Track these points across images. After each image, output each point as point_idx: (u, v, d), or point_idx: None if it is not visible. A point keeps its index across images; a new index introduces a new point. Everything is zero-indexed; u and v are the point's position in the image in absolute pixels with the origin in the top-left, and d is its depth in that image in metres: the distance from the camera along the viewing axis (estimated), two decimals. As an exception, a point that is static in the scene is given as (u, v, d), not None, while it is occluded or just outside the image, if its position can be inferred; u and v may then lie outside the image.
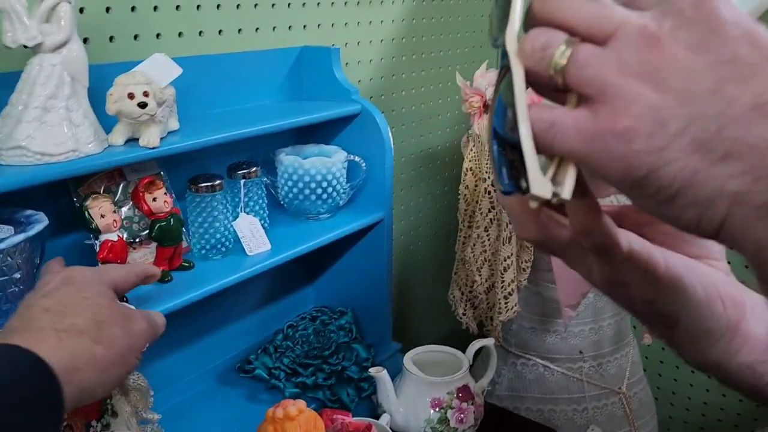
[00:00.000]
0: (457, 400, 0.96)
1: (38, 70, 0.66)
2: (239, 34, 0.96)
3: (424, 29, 1.32)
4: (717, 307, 0.38)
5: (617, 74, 0.28)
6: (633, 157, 0.28)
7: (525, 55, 0.30)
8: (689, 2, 0.28)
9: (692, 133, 0.27)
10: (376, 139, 1.01)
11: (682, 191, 0.28)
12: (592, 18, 0.29)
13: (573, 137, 0.29)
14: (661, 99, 0.28)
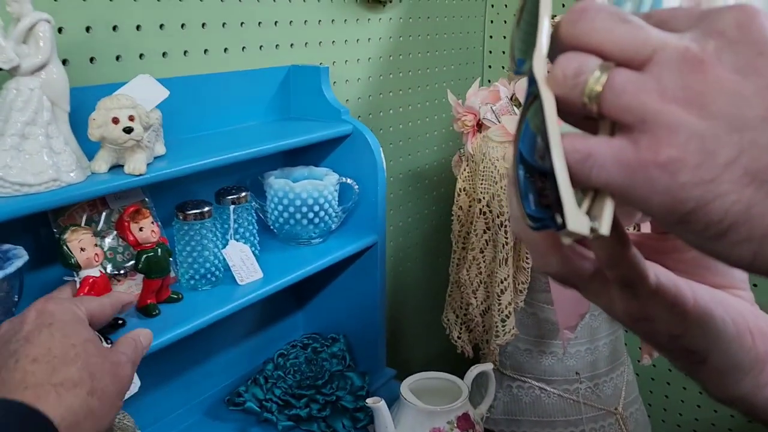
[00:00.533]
0: (457, 429, 0.92)
1: (15, 95, 0.61)
2: (225, 53, 0.93)
3: (412, 47, 1.30)
4: (746, 341, 0.36)
5: (658, 100, 0.26)
6: (679, 190, 0.26)
7: (556, 82, 0.28)
8: (732, 22, 0.26)
9: (744, 163, 0.25)
10: (368, 160, 0.98)
11: (735, 227, 0.26)
12: (627, 41, 0.27)
13: (612, 169, 0.27)
14: (708, 126, 0.25)
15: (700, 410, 1.56)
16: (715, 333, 0.36)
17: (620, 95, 0.26)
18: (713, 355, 0.36)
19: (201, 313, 0.75)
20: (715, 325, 0.36)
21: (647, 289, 0.34)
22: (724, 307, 0.36)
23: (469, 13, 1.46)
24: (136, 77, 0.72)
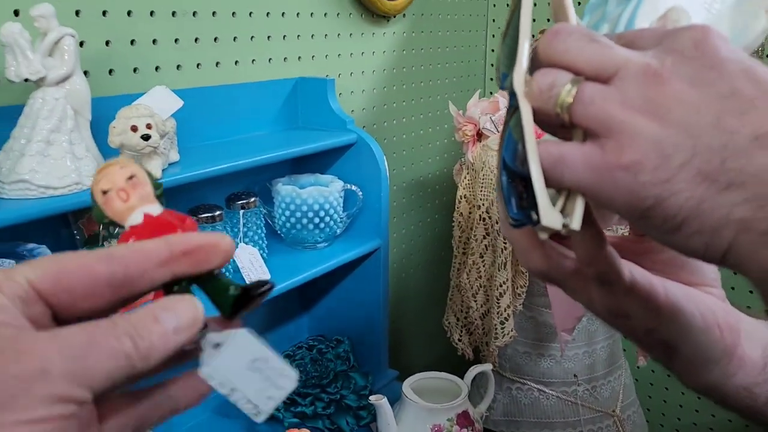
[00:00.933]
0: (457, 426, 0.95)
1: (41, 104, 0.66)
2: (236, 66, 0.97)
3: (415, 60, 1.35)
4: (714, 333, 0.39)
5: (622, 110, 0.29)
6: (640, 189, 0.29)
7: (533, 95, 0.32)
8: (688, 41, 0.29)
9: (697, 165, 0.28)
10: (372, 168, 1.02)
11: (688, 220, 0.29)
12: (595, 58, 0.31)
13: (581, 171, 0.30)
14: (666, 132, 0.29)
15: (697, 415, 1.59)
16: (685, 326, 0.38)
17: (588, 106, 0.30)
18: (685, 347, 0.39)
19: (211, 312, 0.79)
20: (686, 318, 0.38)
21: (623, 285, 0.37)
22: (694, 303, 0.39)
23: (471, 27, 1.50)
24: (153, 88, 0.76)
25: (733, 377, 0.40)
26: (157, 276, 0.28)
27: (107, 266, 0.27)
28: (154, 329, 0.27)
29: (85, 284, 0.27)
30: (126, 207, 0.30)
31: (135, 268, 0.27)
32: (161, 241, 0.28)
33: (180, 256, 0.28)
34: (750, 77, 0.29)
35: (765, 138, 0.27)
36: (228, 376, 0.29)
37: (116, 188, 0.30)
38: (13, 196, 0.64)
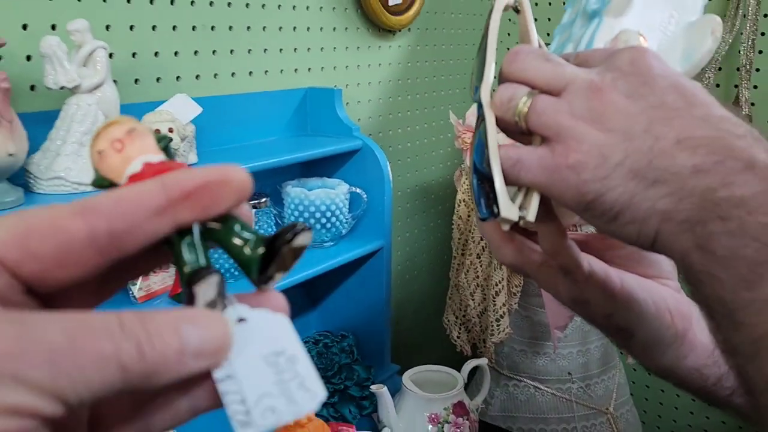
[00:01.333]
0: (453, 415, 1.01)
1: (75, 109, 0.73)
2: (250, 76, 1.05)
3: (420, 72, 1.42)
4: (665, 319, 0.44)
5: (569, 118, 0.35)
6: (582, 185, 0.34)
7: (495, 105, 0.38)
8: (626, 59, 0.35)
9: (629, 165, 0.33)
10: (376, 173, 1.09)
11: (622, 212, 0.34)
12: (548, 75, 0.37)
13: (535, 171, 0.36)
14: (605, 137, 0.34)
15: (693, 417, 1.63)
16: (639, 312, 0.43)
17: (541, 115, 0.36)
18: (639, 331, 0.44)
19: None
20: (639, 305, 0.43)
21: (582, 275, 0.42)
22: (648, 291, 0.44)
23: (473, 42, 1.57)
24: (174, 96, 0.84)
25: (685, 359, 0.45)
26: (153, 228, 0.22)
27: (83, 221, 0.21)
28: (171, 342, 0.20)
29: (58, 247, 0.20)
30: (122, 158, 0.24)
31: (121, 220, 0.21)
32: (153, 183, 0.22)
33: (180, 199, 0.22)
34: (677, 91, 0.34)
35: (686, 141, 0.32)
36: (233, 357, 0.22)
37: (111, 141, 0.24)
38: (49, 191, 0.72)
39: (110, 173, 0.24)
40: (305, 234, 0.23)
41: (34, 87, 0.79)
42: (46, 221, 0.20)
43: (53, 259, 0.20)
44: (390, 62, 1.33)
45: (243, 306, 0.23)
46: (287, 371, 0.22)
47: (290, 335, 0.23)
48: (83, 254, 0.21)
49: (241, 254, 0.23)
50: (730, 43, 1.30)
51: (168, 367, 0.20)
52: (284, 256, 0.23)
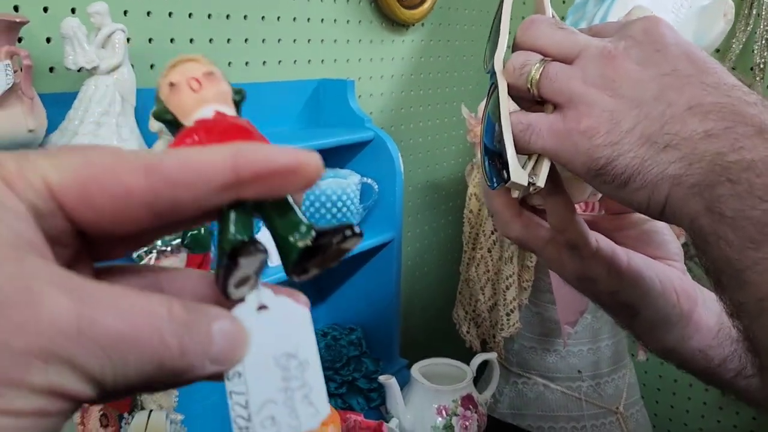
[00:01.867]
0: (461, 407, 1.01)
1: (94, 90, 0.74)
2: (264, 66, 1.05)
3: (432, 67, 1.42)
4: (671, 298, 0.44)
5: (581, 85, 0.35)
6: (593, 150, 0.34)
7: (508, 72, 0.38)
8: (639, 28, 0.36)
9: (640, 130, 0.34)
10: (388, 164, 1.09)
11: (633, 177, 0.34)
12: (561, 42, 0.37)
13: (546, 136, 0.36)
14: (616, 103, 0.34)
15: (703, 420, 1.61)
16: (645, 290, 0.44)
17: (553, 81, 0.36)
18: (644, 310, 0.44)
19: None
20: (645, 283, 0.44)
21: (589, 251, 0.42)
22: (654, 270, 0.44)
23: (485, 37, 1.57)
24: (190, 81, 0.84)
25: (690, 340, 0.45)
26: (213, 202, 0.20)
27: (146, 181, 0.19)
28: (206, 343, 0.20)
29: (116, 202, 0.19)
30: (195, 98, 0.23)
31: (185, 190, 0.20)
32: (227, 153, 0.20)
33: (249, 180, 0.20)
34: (689, 59, 0.34)
35: (697, 108, 0.33)
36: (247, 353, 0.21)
37: (188, 77, 0.23)
38: (66, 169, 0.72)
39: (178, 109, 0.23)
40: (355, 239, 0.22)
41: (53, 69, 0.80)
42: (110, 172, 0.19)
43: (109, 212, 0.19)
44: (403, 56, 1.33)
45: (268, 290, 0.22)
46: (296, 378, 0.21)
47: (307, 333, 0.22)
48: (139, 212, 0.20)
49: (286, 239, 0.22)
50: (744, 42, 1.30)
51: (192, 370, 0.19)
52: (328, 255, 0.22)
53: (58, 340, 0.17)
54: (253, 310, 0.22)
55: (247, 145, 0.21)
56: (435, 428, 0.99)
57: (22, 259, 0.17)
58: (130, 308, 0.18)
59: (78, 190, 0.19)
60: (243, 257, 0.21)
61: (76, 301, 0.17)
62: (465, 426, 1.00)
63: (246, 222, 0.22)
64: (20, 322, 0.16)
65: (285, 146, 0.21)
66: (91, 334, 0.17)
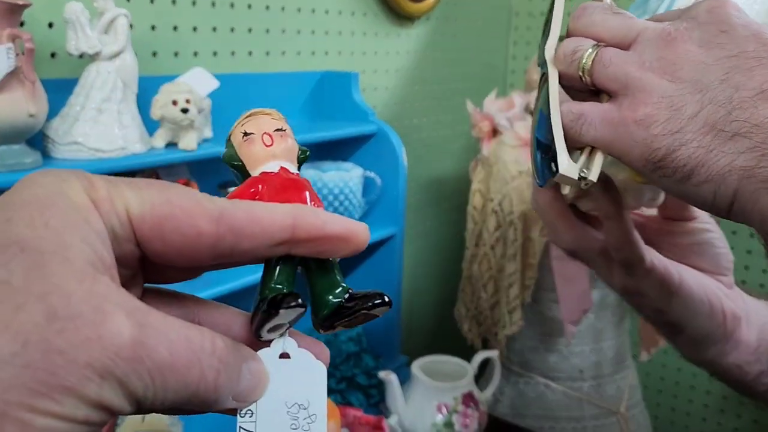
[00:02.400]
0: (462, 405, 1.00)
1: (95, 76, 0.73)
2: (267, 56, 1.04)
3: (438, 62, 1.41)
4: (718, 319, 0.43)
5: (638, 70, 0.32)
6: (652, 140, 0.31)
7: (558, 59, 0.36)
8: (704, 9, 0.33)
9: (704, 117, 0.30)
10: (391, 158, 1.08)
11: (696, 169, 0.30)
12: (616, 27, 0.34)
13: (599, 126, 0.33)
14: (676, 88, 0.31)
15: (705, 423, 1.60)
16: (693, 311, 0.42)
17: (607, 67, 0.33)
18: (689, 328, 0.43)
19: (233, 279, 0.85)
20: (695, 304, 0.42)
21: (643, 269, 0.41)
22: (704, 290, 0.43)
23: (493, 33, 1.57)
24: (193, 69, 0.83)
25: (728, 356, 0.44)
26: (268, 254, 0.22)
27: (216, 228, 0.21)
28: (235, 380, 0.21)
29: (185, 242, 0.21)
30: (266, 152, 0.25)
31: (248, 241, 0.21)
32: (287, 214, 0.22)
33: (303, 241, 0.22)
34: (758, 40, 0.31)
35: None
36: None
37: (262, 132, 0.26)
38: (67, 156, 0.71)
39: (248, 159, 0.25)
40: (384, 308, 0.24)
41: (55, 54, 0.78)
42: (186, 214, 0.21)
43: (177, 248, 0.21)
44: (408, 50, 1.32)
45: (293, 340, 0.24)
46: (302, 429, 0.22)
47: (321, 388, 0.23)
48: (202, 252, 0.21)
49: (322, 296, 0.24)
50: None
51: (218, 403, 0.21)
52: (355, 318, 0.24)
53: (116, 360, 0.18)
54: (276, 356, 0.23)
55: (307, 210, 0.23)
56: (435, 425, 0.98)
57: (98, 279, 0.19)
58: (179, 339, 0.19)
59: (153, 224, 0.21)
60: (284, 308, 0.22)
61: (136, 326, 0.19)
62: (465, 424, 0.99)
63: (290, 274, 0.23)
64: (87, 338, 0.18)
65: (339, 216, 0.23)
66: (144, 358, 0.18)
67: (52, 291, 0.18)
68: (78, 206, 0.20)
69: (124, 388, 0.18)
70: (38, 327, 0.17)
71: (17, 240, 0.18)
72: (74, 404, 0.18)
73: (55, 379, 0.17)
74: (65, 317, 0.18)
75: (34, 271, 0.18)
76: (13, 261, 0.18)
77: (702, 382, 1.56)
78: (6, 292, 0.18)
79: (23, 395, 0.17)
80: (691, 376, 1.58)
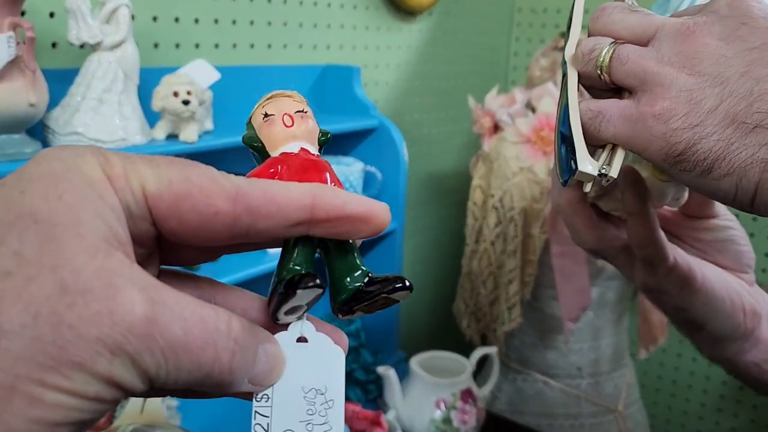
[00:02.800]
0: (460, 401, 1.00)
1: (96, 66, 0.72)
2: (269, 49, 1.04)
3: (440, 58, 1.41)
4: (739, 318, 0.43)
5: (656, 65, 0.32)
6: (671, 134, 0.31)
7: (576, 59, 0.36)
8: (724, 3, 0.32)
9: (725, 110, 0.30)
10: (392, 153, 1.08)
11: (717, 162, 0.30)
12: (635, 24, 0.34)
13: (617, 122, 0.33)
14: (695, 81, 0.31)
15: (702, 422, 1.60)
16: (714, 309, 0.42)
17: (624, 63, 0.33)
18: (709, 326, 0.43)
19: (234, 271, 0.85)
20: (716, 303, 0.42)
21: (666, 267, 0.40)
22: (726, 288, 0.43)
23: (495, 30, 1.56)
24: (194, 60, 0.83)
25: (746, 354, 0.44)
26: (285, 234, 0.22)
27: (233, 207, 0.21)
28: (251, 363, 0.21)
29: (202, 221, 0.21)
30: (287, 133, 0.25)
31: (264, 220, 0.21)
32: (307, 193, 0.22)
33: (322, 221, 0.22)
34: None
35: None
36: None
37: (282, 113, 0.25)
38: (66, 146, 0.71)
39: (268, 140, 0.25)
40: (404, 293, 0.23)
41: (56, 44, 0.78)
42: (204, 193, 0.21)
43: (193, 227, 0.21)
44: (410, 45, 1.32)
45: (311, 324, 0.23)
46: (319, 415, 0.22)
47: (339, 374, 0.23)
48: (218, 231, 0.21)
49: (341, 279, 0.23)
50: None
51: (233, 385, 0.21)
52: (375, 302, 0.23)
53: (127, 336, 0.18)
54: (293, 340, 0.23)
55: (327, 189, 0.22)
56: (433, 421, 0.98)
57: (111, 254, 0.19)
58: (195, 318, 0.19)
59: (170, 202, 0.21)
60: (301, 289, 0.22)
61: (149, 303, 0.18)
62: (463, 420, 0.99)
63: (309, 256, 0.23)
64: (98, 312, 0.18)
65: (359, 195, 0.22)
66: (157, 336, 0.18)
67: (64, 264, 0.18)
68: (93, 181, 0.19)
69: (136, 365, 0.18)
70: (49, 300, 0.17)
71: (31, 212, 0.18)
72: (84, 380, 0.18)
73: (64, 354, 0.17)
74: (75, 291, 0.17)
75: (47, 244, 0.18)
76: (26, 232, 0.18)
77: (699, 381, 1.56)
78: (18, 263, 0.18)
79: (32, 369, 0.17)
80: (688, 375, 1.58)
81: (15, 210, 0.18)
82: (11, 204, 0.18)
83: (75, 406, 0.18)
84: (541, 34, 1.58)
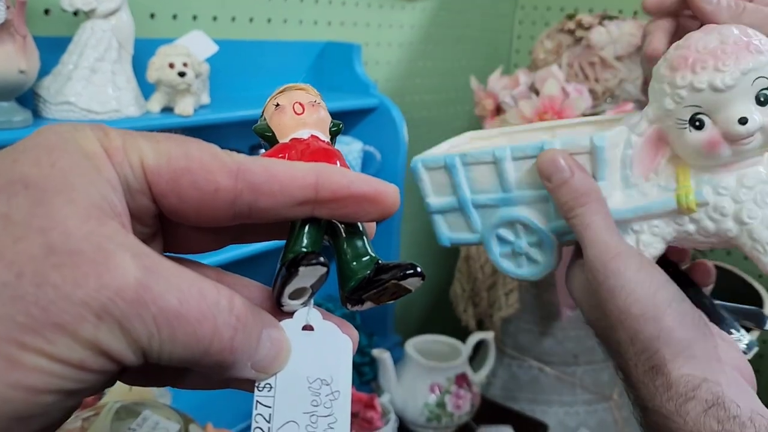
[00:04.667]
0: (455, 386, 0.99)
1: (90, 34, 0.70)
2: (268, 23, 1.01)
3: (442, 38, 1.38)
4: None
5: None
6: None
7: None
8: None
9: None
10: (391, 133, 1.06)
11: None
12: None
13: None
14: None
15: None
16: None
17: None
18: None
19: (226, 251, 0.83)
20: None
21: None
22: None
23: (499, 12, 1.53)
24: (191, 32, 0.81)
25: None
26: (289, 214, 0.21)
27: (234, 184, 0.20)
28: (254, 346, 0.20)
29: (202, 197, 0.20)
30: (297, 120, 0.24)
31: (267, 199, 0.20)
32: (308, 173, 0.21)
33: (327, 200, 0.21)
34: None
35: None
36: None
37: (294, 101, 0.25)
38: (58, 116, 0.69)
39: (278, 128, 0.25)
40: (416, 280, 0.23)
41: (49, 11, 0.75)
42: (204, 169, 0.20)
43: (193, 203, 0.20)
44: (412, 25, 1.29)
45: (317, 312, 0.22)
46: (324, 406, 0.21)
47: (345, 364, 0.22)
48: (219, 209, 0.21)
49: (349, 265, 0.23)
50: None
51: (234, 368, 0.20)
52: (385, 290, 0.23)
53: (115, 300, 0.17)
54: (299, 328, 0.22)
55: (332, 167, 0.21)
56: (427, 405, 0.97)
57: (104, 221, 0.18)
58: (192, 290, 0.18)
59: (169, 177, 0.20)
60: (303, 266, 0.21)
61: (141, 269, 0.17)
62: (458, 405, 0.98)
63: (315, 239, 0.22)
64: (84, 274, 0.17)
65: (368, 176, 0.22)
66: (149, 303, 0.17)
67: (53, 227, 0.17)
68: (89, 154, 0.19)
69: (125, 332, 0.17)
70: (35, 260, 0.17)
71: (21, 178, 0.18)
72: (67, 344, 0.17)
73: (47, 315, 0.16)
74: (63, 252, 0.17)
75: (37, 208, 0.17)
76: (16, 197, 0.17)
77: (694, 371, 1.56)
78: (5, 224, 0.17)
79: (12, 329, 0.16)
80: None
81: (5, 176, 0.18)
82: (2, 171, 0.18)
83: (58, 372, 0.17)
84: (546, 17, 1.55)
